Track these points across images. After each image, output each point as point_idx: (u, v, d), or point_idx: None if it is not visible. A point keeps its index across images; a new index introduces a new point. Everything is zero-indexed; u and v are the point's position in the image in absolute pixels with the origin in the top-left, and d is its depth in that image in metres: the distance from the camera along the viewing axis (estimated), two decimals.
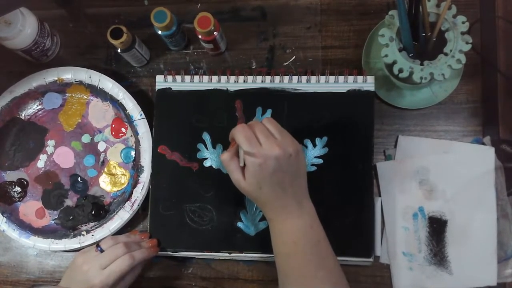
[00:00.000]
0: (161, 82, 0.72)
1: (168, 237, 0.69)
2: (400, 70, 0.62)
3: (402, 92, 0.70)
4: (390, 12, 0.63)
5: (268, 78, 0.70)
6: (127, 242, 0.65)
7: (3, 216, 0.73)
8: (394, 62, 0.62)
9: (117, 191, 0.73)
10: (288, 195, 0.57)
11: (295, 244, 0.57)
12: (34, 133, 0.76)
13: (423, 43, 0.64)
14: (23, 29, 0.70)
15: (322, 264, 0.57)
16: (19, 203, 0.75)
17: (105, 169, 0.74)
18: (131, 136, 0.73)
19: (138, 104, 0.72)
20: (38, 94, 0.75)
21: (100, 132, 0.75)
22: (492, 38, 0.70)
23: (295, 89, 0.70)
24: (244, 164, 0.57)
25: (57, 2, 0.79)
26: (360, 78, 0.69)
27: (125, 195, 0.72)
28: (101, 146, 0.74)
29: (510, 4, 0.70)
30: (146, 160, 0.71)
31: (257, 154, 0.55)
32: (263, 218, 0.68)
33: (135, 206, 0.70)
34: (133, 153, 0.73)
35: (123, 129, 0.74)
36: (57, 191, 0.74)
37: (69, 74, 0.73)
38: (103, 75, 0.73)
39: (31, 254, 0.75)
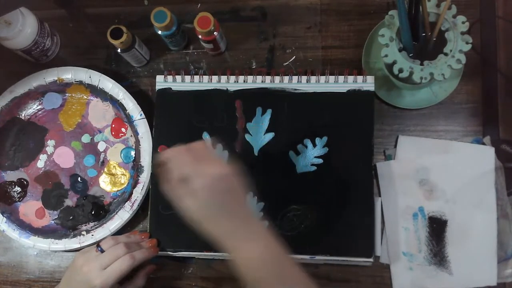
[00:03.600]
0: (161, 82, 0.72)
1: (168, 237, 0.69)
2: (400, 70, 0.62)
3: (402, 92, 0.70)
4: (390, 12, 0.63)
5: (268, 78, 0.70)
6: (128, 242, 0.65)
7: (3, 216, 0.73)
8: (394, 62, 0.62)
9: (117, 191, 0.73)
10: (233, 217, 0.55)
11: (258, 269, 0.55)
12: (34, 133, 0.76)
13: (423, 43, 0.64)
14: (23, 29, 0.70)
15: (291, 278, 0.55)
16: (19, 203, 0.75)
17: (105, 169, 0.74)
18: (131, 136, 0.73)
19: (138, 104, 0.72)
20: (38, 94, 0.75)
21: (100, 132, 0.75)
22: (492, 38, 0.70)
23: (295, 89, 0.70)
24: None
25: (57, 2, 0.79)
26: (360, 78, 0.69)
27: (125, 195, 0.72)
28: (101, 146, 0.74)
29: (510, 4, 0.70)
30: (146, 160, 0.71)
31: (192, 176, 0.53)
32: (263, 218, 0.68)
33: (135, 206, 0.70)
34: (133, 153, 0.73)
35: (123, 129, 0.74)
36: (57, 191, 0.74)
37: (69, 74, 0.73)
38: (103, 75, 0.73)
39: (31, 254, 0.75)
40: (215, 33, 0.68)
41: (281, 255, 0.56)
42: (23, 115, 0.76)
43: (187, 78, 0.71)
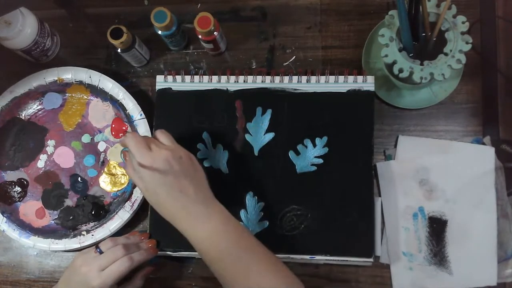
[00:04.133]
0: (161, 82, 0.72)
1: (168, 237, 0.69)
2: (400, 70, 0.62)
3: (402, 92, 0.70)
4: (390, 12, 0.63)
5: (268, 78, 0.70)
6: (126, 244, 0.65)
7: (3, 216, 0.73)
8: (394, 62, 0.62)
9: (117, 191, 0.73)
10: (190, 198, 0.58)
11: (217, 247, 0.57)
12: (34, 133, 0.76)
13: (423, 43, 0.64)
14: (23, 29, 0.70)
15: (252, 257, 0.57)
16: (19, 203, 0.75)
17: (105, 169, 0.74)
18: None
19: (138, 104, 0.72)
20: (38, 94, 0.75)
21: (100, 132, 0.75)
22: (492, 38, 0.70)
23: (295, 89, 0.70)
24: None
25: (57, 2, 0.79)
26: (360, 78, 0.69)
27: (125, 195, 0.72)
28: (101, 146, 0.74)
29: (510, 4, 0.70)
30: None
31: (147, 158, 0.56)
32: (263, 218, 0.68)
33: (135, 206, 0.70)
34: None
35: (123, 129, 0.74)
36: (57, 191, 0.74)
37: (69, 74, 0.73)
38: (103, 75, 0.73)
39: (31, 254, 0.75)
40: (215, 33, 0.68)
41: (241, 232, 0.58)
42: (23, 115, 0.76)
43: (187, 78, 0.71)
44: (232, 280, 0.57)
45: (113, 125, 0.74)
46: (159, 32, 0.69)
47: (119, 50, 0.70)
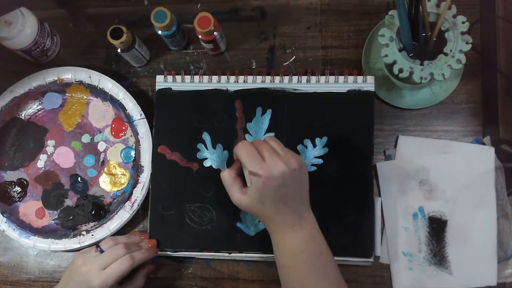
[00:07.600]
0: (161, 82, 0.72)
1: (168, 237, 0.69)
2: (400, 70, 0.62)
3: (402, 92, 0.70)
4: (390, 12, 0.63)
5: (268, 78, 0.70)
6: (127, 243, 0.65)
7: (3, 216, 0.73)
8: (394, 62, 0.62)
9: (117, 191, 0.73)
10: (290, 209, 0.57)
11: (297, 256, 0.57)
12: (34, 133, 0.76)
13: (423, 43, 0.64)
14: (23, 29, 0.70)
15: (324, 276, 0.58)
16: (19, 203, 0.75)
17: (105, 169, 0.74)
18: (131, 136, 0.73)
19: (138, 104, 0.72)
20: (38, 94, 0.75)
21: (100, 132, 0.75)
22: (492, 38, 0.71)
23: (295, 89, 0.70)
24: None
25: (57, 2, 0.79)
26: (360, 78, 0.69)
27: (125, 195, 0.72)
28: (101, 146, 0.74)
29: (510, 4, 0.70)
30: (146, 160, 0.71)
31: (261, 171, 0.55)
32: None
33: (135, 206, 0.70)
34: (133, 153, 0.73)
35: (123, 129, 0.74)
36: (57, 191, 0.74)
37: (69, 74, 0.73)
38: (103, 75, 0.73)
39: (31, 254, 0.75)
40: (215, 33, 0.68)
41: (324, 249, 0.59)
42: (23, 115, 0.76)
43: (187, 78, 0.72)
44: None
45: (113, 125, 0.74)
46: (159, 32, 0.69)
47: (119, 50, 0.70)
